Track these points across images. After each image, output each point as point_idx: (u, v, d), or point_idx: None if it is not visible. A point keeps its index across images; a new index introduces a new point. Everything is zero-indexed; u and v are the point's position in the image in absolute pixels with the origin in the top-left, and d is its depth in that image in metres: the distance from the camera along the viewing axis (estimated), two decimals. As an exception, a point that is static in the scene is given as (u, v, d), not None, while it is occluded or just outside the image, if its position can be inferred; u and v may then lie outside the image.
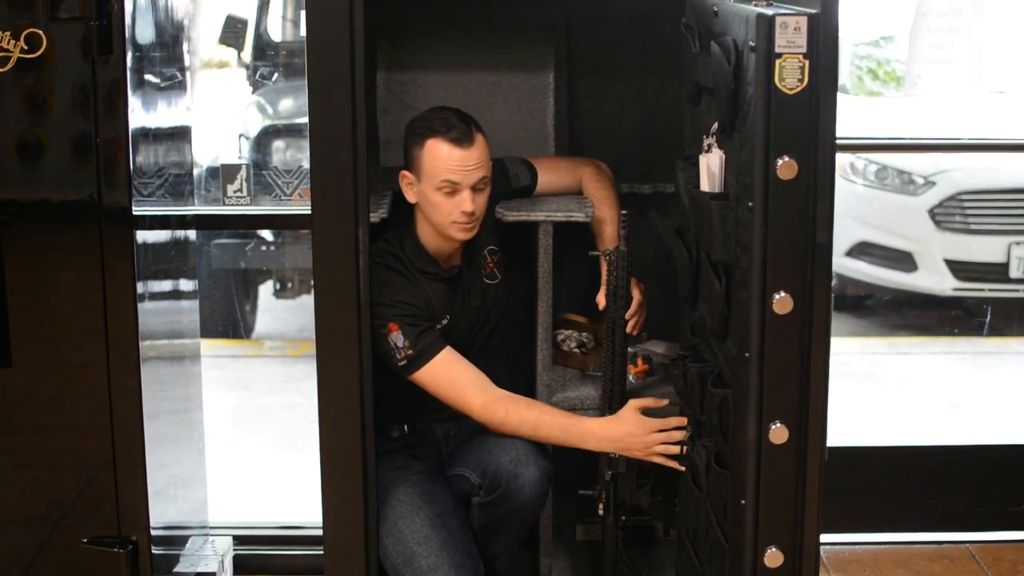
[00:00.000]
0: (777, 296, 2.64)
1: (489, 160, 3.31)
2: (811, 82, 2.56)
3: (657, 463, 3.27)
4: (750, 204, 2.63)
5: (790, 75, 2.55)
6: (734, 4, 2.77)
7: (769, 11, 2.56)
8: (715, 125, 2.89)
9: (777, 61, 2.54)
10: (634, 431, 3.25)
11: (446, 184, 3.24)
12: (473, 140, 3.25)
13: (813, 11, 2.55)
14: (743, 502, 2.76)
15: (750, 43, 2.57)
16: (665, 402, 3.30)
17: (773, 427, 2.70)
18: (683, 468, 3.24)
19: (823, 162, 2.61)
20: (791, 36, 2.53)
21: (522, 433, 3.26)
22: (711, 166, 2.88)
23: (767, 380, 2.69)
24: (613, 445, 3.27)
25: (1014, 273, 6.90)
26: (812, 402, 2.71)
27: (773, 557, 2.76)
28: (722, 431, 2.88)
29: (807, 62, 2.55)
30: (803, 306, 2.65)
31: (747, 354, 2.69)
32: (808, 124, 2.58)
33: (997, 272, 6.97)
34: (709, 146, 2.92)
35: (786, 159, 2.58)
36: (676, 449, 3.22)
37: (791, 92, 2.56)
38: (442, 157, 3.23)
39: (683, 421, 3.24)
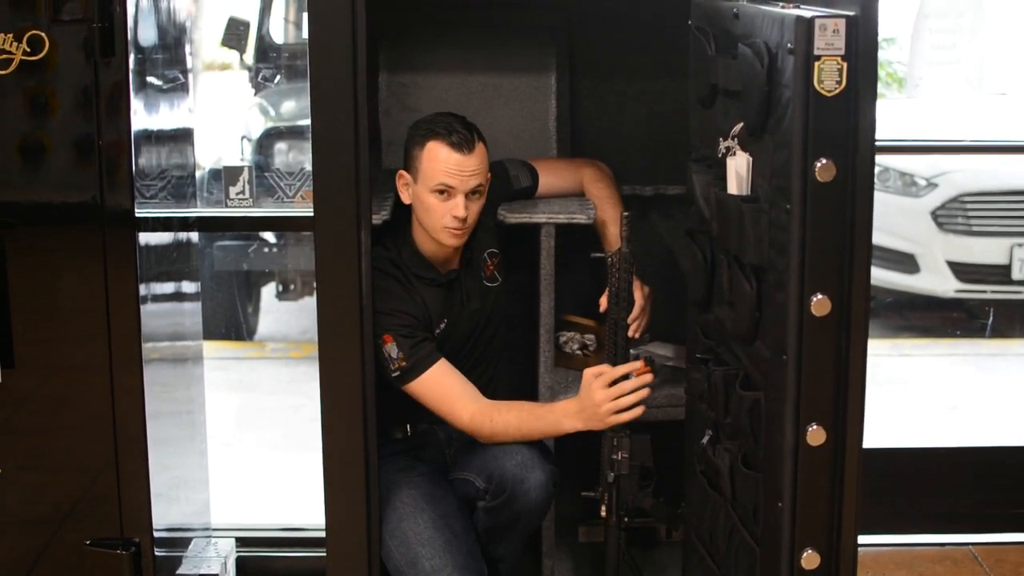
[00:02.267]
0: (815, 298, 2.63)
1: (487, 170, 3.31)
2: (849, 84, 2.56)
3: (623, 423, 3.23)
4: (788, 206, 2.62)
5: (828, 77, 2.55)
6: (758, 7, 2.77)
7: (807, 13, 2.56)
8: (736, 127, 2.88)
9: (816, 63, 2.54)
10: (592, 397, 3.18)
11: (441, 187, 3.24)
12: (473, 147, 3.25)
13: (851, 13, 2.56)
14: (780, 504, 2.75)
15: (788, 45, 2.57)
16: (619, 367, 3.22)
17: (810, 429, 2.69)
18: (638, 411, 3.21)
19: (862, 164, 2.61)
20: (830, 38, 2.53)
21: (509, 436, 3.26)
22: (739, 169, 2.87)
23: (805, 382, 2.68)
24: (581, 419, 3.21)
25: (1016, 275, 6.90)
26: (850, 403, 2.70)
27: (810, 559, 2.75)
28: (753, 434, 2.88)
29: (845, 64, 2.55)
30: (841, 308, 2.65)
31: (784, 356, 2.68)
32: (846, 126, 2.58)
33: (999, 274, 6.97)
34: (729, 148, 2.92)
35: (824, 161, 2.58)
36: (627, 401, 3.18)
37: (829, 94, 2.56)
38: (440, 160, 3.24)
39: (630, 366, 3.19)
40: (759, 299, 2.81)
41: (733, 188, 2.91)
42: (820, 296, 2.64)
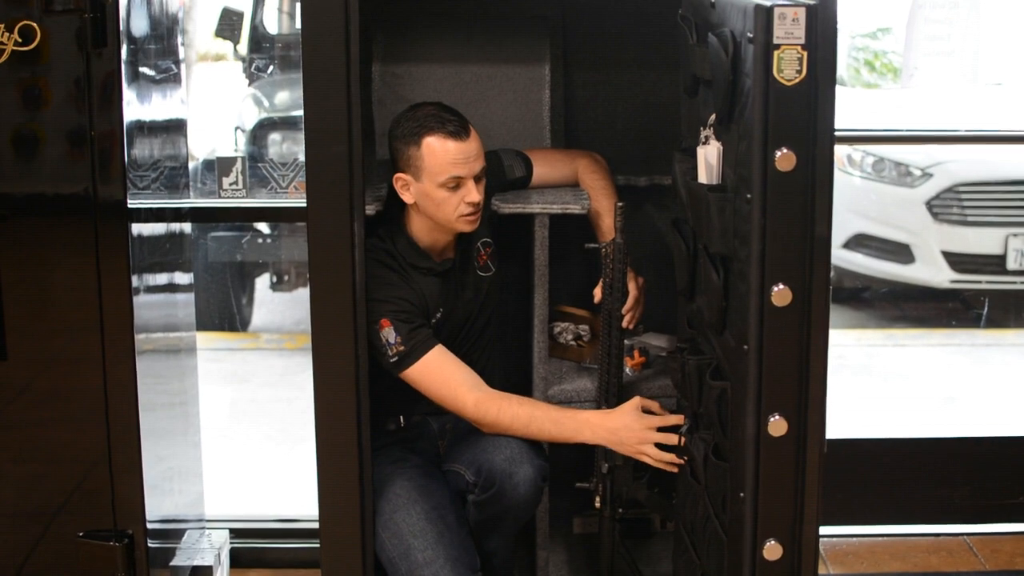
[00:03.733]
0: (776, 288, 2.63)
1: (483, 149, 3.30)
2: (809, 73, 2.55)
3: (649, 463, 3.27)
4: (748, 196, 2.62)
5: (788, 66, 2.55)
6: None
7: (767, 2, 2.55)
8: (712, 117, 2.89)
9: (775, 52, 2.54)
10: (631, 424, 3.23)
11: (451, 180, 3.23)
12: (469, 131, 3.25)
13: (811, 2, 2.55)
14: (742, 495, 2.75)
15: (748, 34, 2.57)
16: (669, 416, 3.27)
17: (772, 419, 2.69)
18: (675, 469, 3.23)
19: (822, 154, 2.60)
20: (789, 27, 2.53)
21: (515, 430, 3.25)
22: (709, 158, 2.87)
23: (766, 372, 2.68)
24: (608, 437, 3.25)
25: (1011, 265, 6.90)
26: (811, 394, 2.70)
27: (772, 550, 2.76)
28: (720, 424, 2.88)
29: (805, 53, 2.54)
30: (802, 298, 2.65)
31: (746, 346, 2.68)
32: (806, 116, 2.58)
33: (994, 264, 6.97)
34: (706, 138, 2.92)
35: (784, 151, 2.57)
36: (666, 454, 3.22)
37: (789, 83, 2.56)
38: (444, 153, 3.22)
39: (680, 419, 3.23)
40: (726, 289, 2.81)
41: (703, 177, 2.91)
42: (781, 286, 2.64)
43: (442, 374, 3.27)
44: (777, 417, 2.69)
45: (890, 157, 7.09)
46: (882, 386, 6.39)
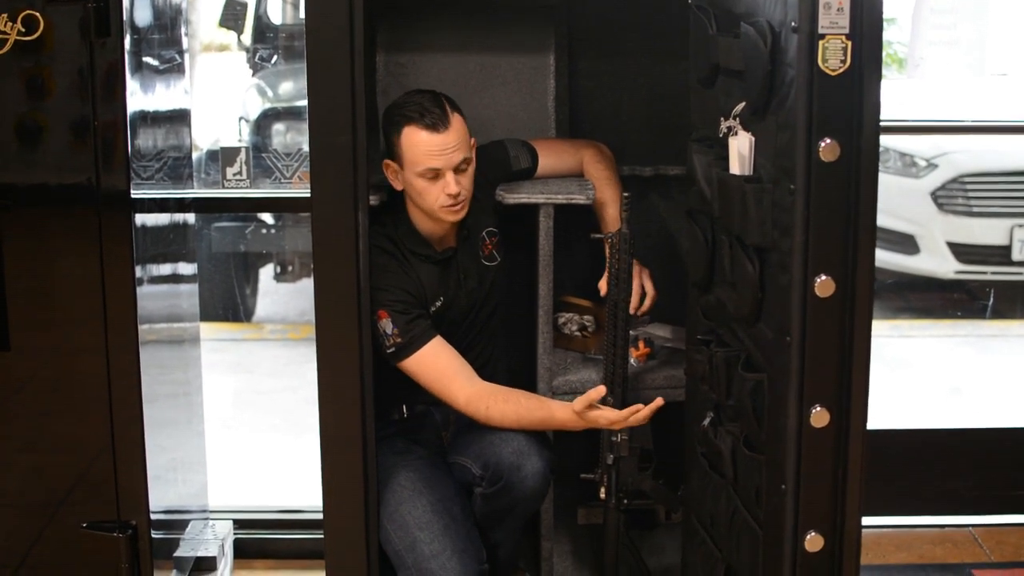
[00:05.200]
0: (819, 279, 2.62)
1: (468, 139, 3.29)
2: (854, 63, 2.54)
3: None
4: (792, 187, 2.61)
5: (833, 56, 2.54)
6: None
7: None
8: (738, 107, 2.86)
9: (820, 42, 2.53)
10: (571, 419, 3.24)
11: (428, 171, 3.23)
12: (449, 123, 3.23)
13: None
14: (783, 487, 2.74)
15: (792, 24, 2.55)
16: (602, 390, 3.24)
17: (814, 411, 2.68)
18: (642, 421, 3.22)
19: (866, 144, 2.59)
20: (834, 16, 2.52)
21: (506, 425, 3.25)
22: (741, 149, 2.86)
23: (808, 364, 2.67)
24: (571, 422, 3.26)
25: (1016, 256, 6.89)
26: (853, 385, 2.69)
27: (813, 541, 2.74)
28: (755, 416, 2.86)
29: (850, 43, 2.53)
30: (845, 289, 2.64)
31: (788, 338, 2.67)
32: (851, 105, 2.56)
33: (999, 255, 6.96)
34: (731, 128, 2.90)
35: (828, 141, 2.56)
36: (611, 414, 3.20)
37: (834, 73, 2.54)
38: (420, 144, 3.21)
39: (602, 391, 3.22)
40: (762, 280, 2.80)
41: (735, 168, 2.89)
42: (824, 277, 2.62)
43: (436, 368, 3.27)
44: (819, 408, 2.68)
45: (895, 147, 7.08)
46: (887, 377, 6.38)
